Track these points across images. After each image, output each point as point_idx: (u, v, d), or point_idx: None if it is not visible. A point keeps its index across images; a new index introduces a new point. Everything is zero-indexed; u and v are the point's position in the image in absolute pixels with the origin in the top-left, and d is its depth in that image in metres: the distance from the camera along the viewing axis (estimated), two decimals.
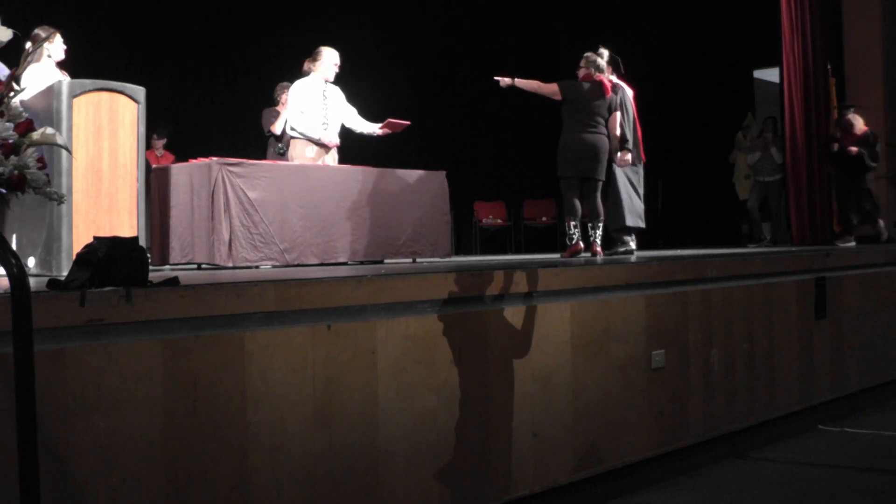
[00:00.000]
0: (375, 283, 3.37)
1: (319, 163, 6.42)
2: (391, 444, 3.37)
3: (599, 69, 6.40)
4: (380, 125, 6.72)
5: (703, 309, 4.97)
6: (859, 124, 8.73)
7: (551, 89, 6.37)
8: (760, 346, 5.38)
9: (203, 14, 10.32)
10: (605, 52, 6.47)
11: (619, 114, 6.41)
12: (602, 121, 6.31)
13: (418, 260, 6.54)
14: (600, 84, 6.34)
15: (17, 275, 2.21)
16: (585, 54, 6.49)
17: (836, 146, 8.70)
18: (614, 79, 6.64)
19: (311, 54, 6.64)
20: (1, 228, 3.42)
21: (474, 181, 11.86)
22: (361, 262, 6.13)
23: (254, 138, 9.06)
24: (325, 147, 6.49)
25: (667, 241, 11.48)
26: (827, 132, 9.15)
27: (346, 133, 6.78)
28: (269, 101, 8.32)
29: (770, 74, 11.51)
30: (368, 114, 7.03)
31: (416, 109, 11.86)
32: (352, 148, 6.96)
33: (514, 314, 3.92)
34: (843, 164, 8.73)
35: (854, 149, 8.62)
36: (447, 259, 6.73)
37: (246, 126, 9.81)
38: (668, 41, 12.43)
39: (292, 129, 6.52)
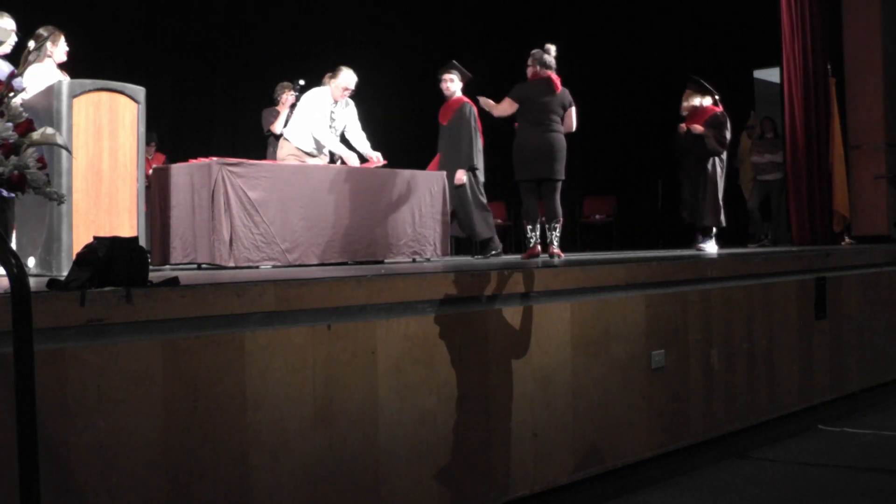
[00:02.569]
0: (375, 283, 3.37)
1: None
2: (391, 444, 3.37)
3: (548, 66, 6.20)
4: (366, 158, 6.71)
5: (703, 309, 4.97)
6: (707, 103, 7.67)
7: (507, 105, 6.19)
8: (760, 346, 5.38)
9: (203, 14, 10.32)
10: (551, 48, 6.23)
11: (573, 109, 6.19)
12: (557, 119, 6.11)
13: (418, 260, 6.54)
14: (549, 80, 6.15)
15: (17, 275, 2.21)
16: (532, 52, 6.28)
17: (683, 127, 7.60)
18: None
19: (333, 70, 6.66)
20: (1, 228, 3.42)
21: None
22: (361, 262, 6.13)
23: (254, 138, 9.06)
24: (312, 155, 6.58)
25: (667, 241, 11.48)
26: (827, 133, 9.14)
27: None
28: (269, 101, 8.32)
29: (770, 74, 11.50)
30: (368, 114, 7.04)
31: (416, 109, 11.86)
32: (351, 148, 6.97)
33: (513, 314, 3.92)
34: (686, 146, 7.63)
35: (699, 127, 7.48)
36: (447, 259, 6.74)
37: (246, 126, 9.81)
38: (668, 41, 12.43)
39: (315, 138, 6.52)
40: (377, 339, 3.36)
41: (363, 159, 6.74)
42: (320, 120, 6.53)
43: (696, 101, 7.68)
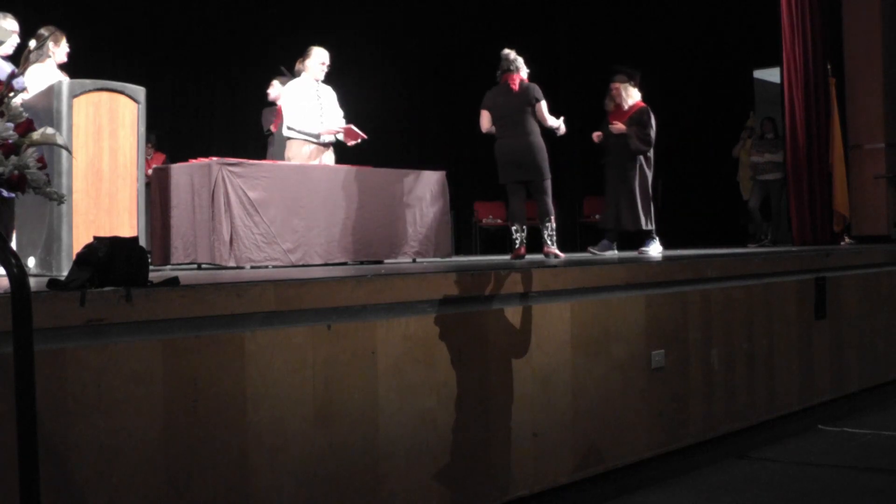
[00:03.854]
0: (375, 283, 3.37)
1: (317, 162, 6.42)
2: (391, 444, 3.37)
3: (505, 70, 6.25)
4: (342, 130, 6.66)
5: (703, 309, 4.97)
6: (631, 97, 7.10)
7: (483, 119, 6.31)
8: (760, 346, 5.38)
9: (202, 14, 10.32)
10: (507, 51, 6.27)
11: (543, 103, 6.16)
12: (527, 119, 6.13)
13: (418, 260, 6.54)
14: (507, 84, 6.20)
15: (17, 275, 2.22)
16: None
17: (599, 134, 7.05)
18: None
19: (303, 54, 6.68)
20: (1, 228, 3.42)
21: (474, 181, 11.85)
22: (362, 262, 6.13)
23: (254, 138, 9.06)
24: (322, 146, 6.51)
25: (667, 241, 11.48)
26: (827, 133, 9.14)
27: None
28: (269, 101, 8.32)
29: (770, 74, 11.51)
30: (367, 113, 7.01)
31: (415, 109, 11.87)
32: (351, 147, 6.97)
33: (513, 314, 3.92)
34: (611, 147, 7.01)
35: (620, 126, 6.89)
36: (447, 259, 6.74)
37: (246, 126, 9.81)
38: (668, 41, 12.44)
39: (289, 128, 6.52)
40: (377, 339, 3.36)
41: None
42: (295, 111, 6.48)
43: (631, 91, 7.11)
